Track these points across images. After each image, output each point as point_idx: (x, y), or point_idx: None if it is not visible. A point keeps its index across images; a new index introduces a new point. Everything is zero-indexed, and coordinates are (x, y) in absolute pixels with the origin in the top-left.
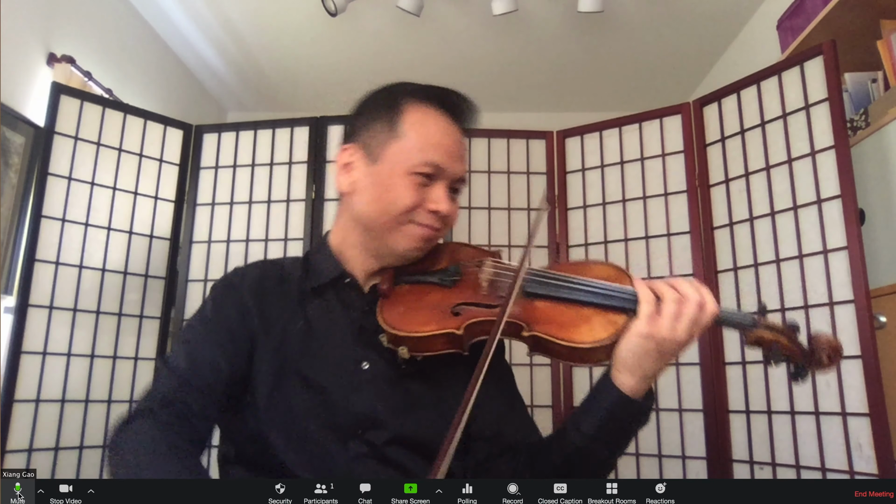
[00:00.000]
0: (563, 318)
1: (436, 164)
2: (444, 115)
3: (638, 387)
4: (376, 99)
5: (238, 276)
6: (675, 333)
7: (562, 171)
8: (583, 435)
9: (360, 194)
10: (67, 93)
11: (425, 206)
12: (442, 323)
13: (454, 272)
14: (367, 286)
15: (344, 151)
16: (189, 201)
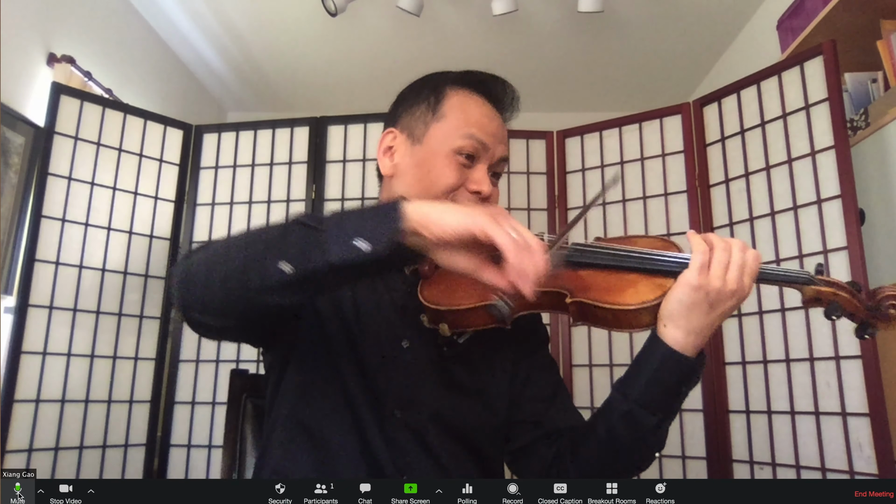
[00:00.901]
0: (607, 284)
1: (478, 141)
2: (486, 100)
3: (686, 342)
4: (419, 85)
5: None
6: (726, 283)
7: (562, 171)
8: (628, 399)
9: (401, 176)
10: (67, 93)
11: (467, 187)
12: (484, 296)
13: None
14: (408, 269)
15: (387, 135)
16: (189, 201)
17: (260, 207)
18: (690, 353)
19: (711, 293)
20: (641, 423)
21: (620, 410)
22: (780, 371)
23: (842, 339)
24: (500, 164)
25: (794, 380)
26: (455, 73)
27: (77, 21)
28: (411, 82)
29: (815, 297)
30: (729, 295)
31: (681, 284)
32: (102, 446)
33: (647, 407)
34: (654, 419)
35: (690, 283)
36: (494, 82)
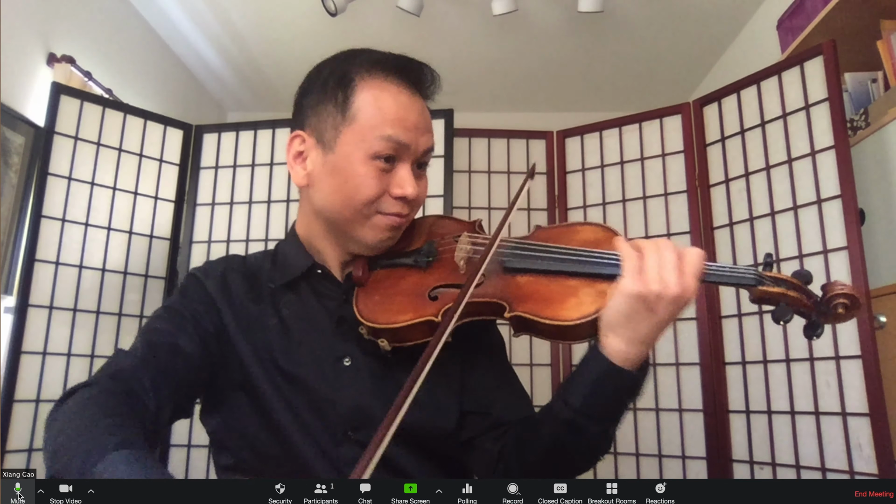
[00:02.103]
0: (548, 294)
1: (397, 142)
2: (401, 86)
3: (629, 353)
4: (323, 76)
5: (202, 270)
6: (664, 286)
7: (562, 171)
8: (570, 408)
9: (317, 186)
10: (67, 93)
11: (390, 192)
12: (419, 311)
13: (427, 252)
14: (342, 274)
15: (294, 139)
16: (189, 201)
17: (260, 207)
18: (634, 363)
19: (651, 299)
20: (586, 431)
21: (563, 418)
22: (780, 371)
23: (842, 339)
24: (425, 154)
25: (794, 380)
26: (365, 56)
27: (77, 21)
28: (316, 67)
29: (762, 297)
30: (671, 299)
31: (618, 294)
32: None
33: (589, 417)
34: (599, 427)
35: (627, 291)
36: (408, 64)
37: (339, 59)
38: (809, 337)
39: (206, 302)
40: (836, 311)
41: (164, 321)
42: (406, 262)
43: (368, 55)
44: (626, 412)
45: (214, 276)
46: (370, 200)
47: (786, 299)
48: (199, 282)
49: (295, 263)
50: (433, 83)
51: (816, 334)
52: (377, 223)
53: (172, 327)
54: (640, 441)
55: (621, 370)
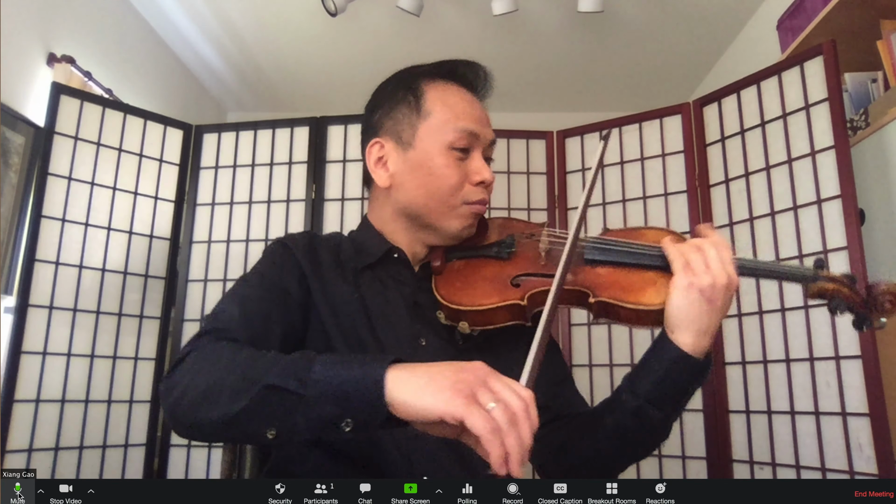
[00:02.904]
0: (628, 282)
1: (470, 132)
2: (463, 87)
3: (695, 343)
4: (392, 87)
5: (291, 240)
6: (713, 276)
7: (562, 171)
8: (637, 396)
9: (402, 185)
10: (67, 93)
11: (470, 180)
12: (504, 294)
13: (509, 244)
14: (417, 266)
15: (373, 146)
16: (189, 201)
17: (260, 207)
18: (700, 354)
19: (705, 289)
20: (650, 418)
21: (630, 406)
22: (780, 371)
23: (842, 339)
24: (490, 147)
25: (794, 380)
26: (425, 66)
27: (77, 21)
28: (380, 85)
29: (819, 292)
30: (723, 288)
31: (674, 290)
32: (102, 446)
33: (655, 404)
34: (662, 414)
35: (682, 286)
36: (467, 67)
37: (402, 73)
38: (860, 328)
39: (296, 271)
40: (884, 307)
41: (258, 289)
42: (485, 253)
43: (429, 65)
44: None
45: (303, 245)
46: (454, 188)
47: (840, 294)
48: (288, 250)
49: (374, 247)
50: (487, 83)
51: (867, 325)
52: (463, 212)
53: (266, 298)
54: None
55: (691, 357)
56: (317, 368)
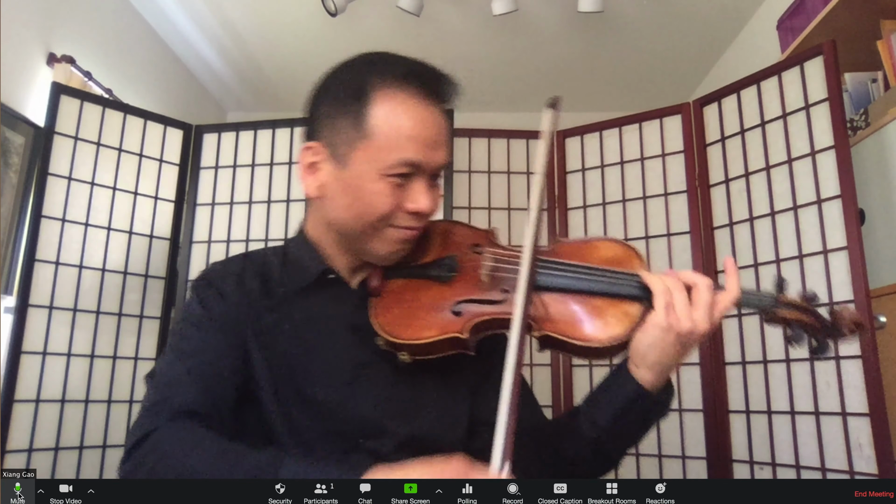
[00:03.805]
0: (575, 314)
1: (413, 163)
2: (419, 99)
3: (656, 381)
4: (339, 86)
5: (218, 275)
6: (695, 323)
7: (562, 171)
8: (596, 427)
9: (331, 199)
10: (67, 93)
11: (404, 208)
12: (444, 327)
13: (450, 266)
14: (354, 282)
15: (307, 150)
16: (189, 201)
17: (260, 207)
18: (658, 389)
19: (682, 334)
20: (608, 450)
21: (588, 437)
22: (780, 371)
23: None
24: (439, 170)
25: (794, 380)
26: (382, 66)
27: (77, 21)
28: (332, 73)
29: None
30: (700, 335)
31: (650, 327)
32: (102, 446)
33: (614, 437)
34: (621, 447)
35: (660, 325)
36: (427, 73)
37: (354, 68)
38: (816, 356)
39: (228, 311)
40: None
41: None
42: (426, 273)
43: (385, 64)
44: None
45: (231, 280)
46: (383, 216)
47: (800, 323)
48: (217, 289)
49: (307, 268)
50: (452, 90)
51: (824, 353)
52: (389, 236)
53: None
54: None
55: (651, 395)
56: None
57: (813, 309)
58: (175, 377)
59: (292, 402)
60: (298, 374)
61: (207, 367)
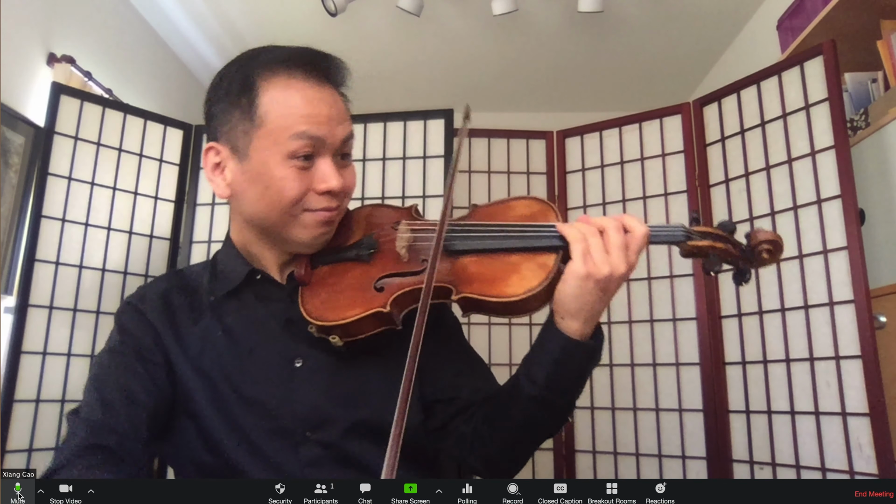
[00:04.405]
0: (491, 272)
1: (311, 138)
2: (307, 80)
3: (584, 329)
4: (226, 84)
5: (138, 297)
6: (613, 267)
7: (562, 171)
8: (536, 385)
9: (241, 196)
10: (67, 93)
11: (315, 188)
12: (367, 304)
13: (368, 244)
14: (283, 276)
15: (209, 151)
16: (189, 201)
17: None
18: (587, 338)
19: (601, 280)
20: (553, 404)
21: (530, 395)
22: (780, 371)
23: (842, 339)
24: (345, 144)
25: (794, 380)
26: (265, 55)
27: (77, 21)
28: (219, 73)
29: (691, 252)
30: (619, 277)
31: (568, 278)
32: None
33: (555, 391)
34: (565, 399)
35: (578, 275)
36: (310, 57)
37: (239, 63)
38: (738, 283)
39: (148, 333)
40: (762, 257)
41: (110, 369)
42: (347, 256)
43: (267, 54)
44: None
45: (152, 300)
46: (294, 201)
47: (714, 251)
48: (136, 312)
49: (233, 272)
50: (340, 70)
51: (745, 279)
52: (307, 221)
53: (120, 374)
54: (640, 441)
55: (580, 343)
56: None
57: (725, 234)
58: (87, 406)
59: (234, 406)
60: (236, 377)
61: (117, 394)
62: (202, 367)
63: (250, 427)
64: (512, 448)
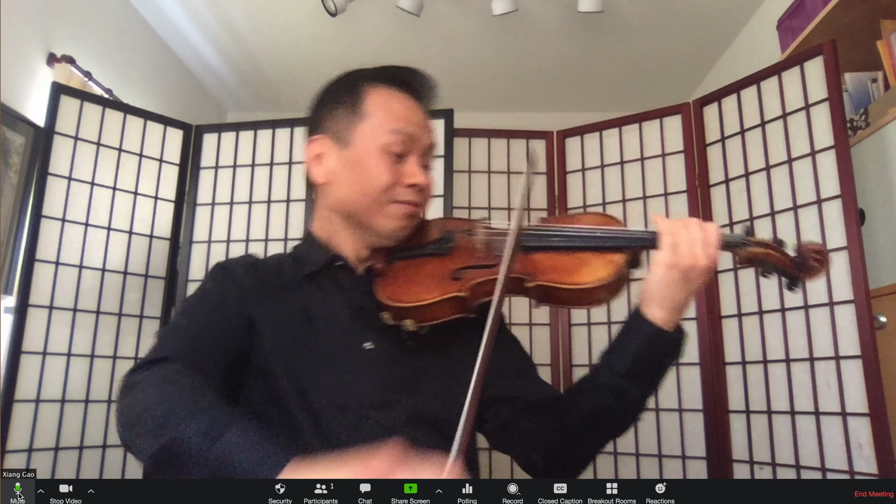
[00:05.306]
0: (563, 265)
1: (406, 134)
2: (405, 94)
3: (669, 319)
4: (336, 87)
5: (231, 261)
6: (696, 258)
7: (562, 171)
8: (615, 374)
9: (336, 182)
10: (67, 93)
11: (402, 182)
12: (445, 288)
13: (447, 240)
14: (361, 269)
15: (312, 143)
16: (189, 201)
17: (260, 207)
18: (671, 328)
19: (685, 269)
20: (629, 395)
21: (609, 385)
22: (780, 371)
23: (842, 339)
24: (428, 153)
25: (794, 380)
26: (368, 70)
27: (77, 21)
28: (324, 86)
29: (749, 258)
30: (702, 269)
31: (657, 266)
32: (102, 446)
33: (634, 381)
34: (640, 391)
35: (665, 263)
36: (408, 74)
37: (346, 76)
38: (791, 289)
39: (235, 291)
40: (810, 265)
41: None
42: (425, 251)
43: (373, 69)
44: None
45: (243, 266)
46: (385, 187)
47: (770, 258)
48: (227, 272)
49: (316, 257)
50: (431, 92)
51: (797, 286)
52: (393, 211)
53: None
54: (640, 441)
55: (667, 333)
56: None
57: (779, 246)
58: (168, 332)
59: (304, 375)
60: (309, 351)
61: (200, 328)
62: (280, 333)
63: (317, 399)
64: (579, 441)
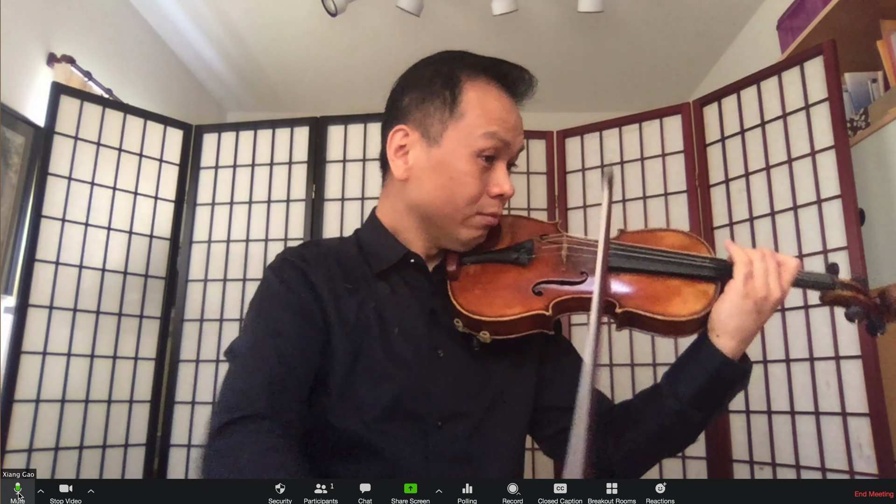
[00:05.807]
0: (653, 292)
1: (500, 140)
2: (502, 89)
3: (738, 349)
4: (429, 74)
5: (296, 255)
6: (769, 290)
7: (562, 171)
8: (680, 400)
9: (419, 181)
10: (67, 93)
11: (489, 192)
12: (527, 304)
13: (529, 249)
14: (430, 267)
15: (397, 132)
16: (189, 201)
17: (260, 207)
18: (738, 357)
19: (758, 301)
20: (692, 420)
21: (673, 410)
22: (780, 371)
23: (842, 339)
24: (516, 157)
25: (794, 380)
26: (469, 59)
27: (77, 21)
28: (416, 67)
29: (836, 300)
30: (774, 301)
31: (730, 295)
32: (102, 446)
33: (699, 408)
34: (704, 416)
35: (739, 293)
36: (512, 69)
37: (442, 60)
38: (873, 333)
39: (311, 294)
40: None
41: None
42: (504, 258)
43: (472, 58)
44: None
45: (314, 262)
46: (473, 199)
47: (856, 302)
48: (300, 271)
49: (389, 252)
50: (529, 86)
51: (881, 331)
52: (475, 222)
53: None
54: None
55: (735, 364)
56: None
57: (864, 288)
58: (263, 356)
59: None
60: (381, 354)
61: (292, 348)
62: (354, 337)
63: (387, 405)
64: (637, 458)
